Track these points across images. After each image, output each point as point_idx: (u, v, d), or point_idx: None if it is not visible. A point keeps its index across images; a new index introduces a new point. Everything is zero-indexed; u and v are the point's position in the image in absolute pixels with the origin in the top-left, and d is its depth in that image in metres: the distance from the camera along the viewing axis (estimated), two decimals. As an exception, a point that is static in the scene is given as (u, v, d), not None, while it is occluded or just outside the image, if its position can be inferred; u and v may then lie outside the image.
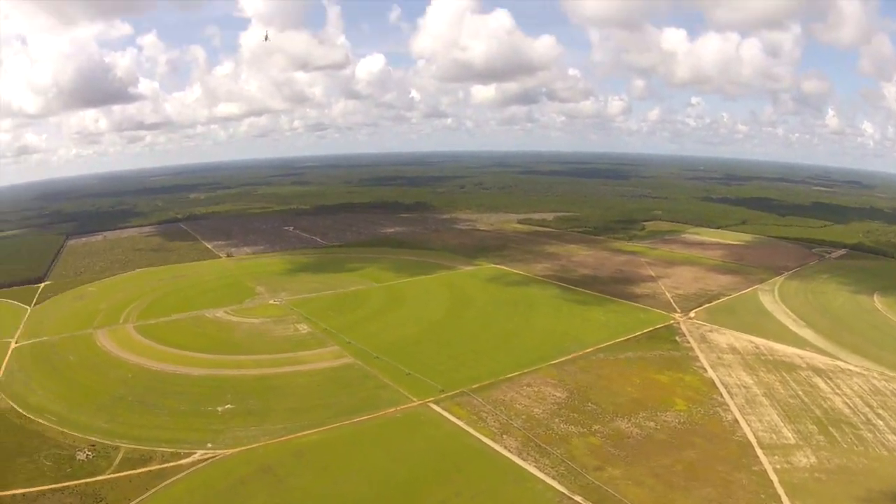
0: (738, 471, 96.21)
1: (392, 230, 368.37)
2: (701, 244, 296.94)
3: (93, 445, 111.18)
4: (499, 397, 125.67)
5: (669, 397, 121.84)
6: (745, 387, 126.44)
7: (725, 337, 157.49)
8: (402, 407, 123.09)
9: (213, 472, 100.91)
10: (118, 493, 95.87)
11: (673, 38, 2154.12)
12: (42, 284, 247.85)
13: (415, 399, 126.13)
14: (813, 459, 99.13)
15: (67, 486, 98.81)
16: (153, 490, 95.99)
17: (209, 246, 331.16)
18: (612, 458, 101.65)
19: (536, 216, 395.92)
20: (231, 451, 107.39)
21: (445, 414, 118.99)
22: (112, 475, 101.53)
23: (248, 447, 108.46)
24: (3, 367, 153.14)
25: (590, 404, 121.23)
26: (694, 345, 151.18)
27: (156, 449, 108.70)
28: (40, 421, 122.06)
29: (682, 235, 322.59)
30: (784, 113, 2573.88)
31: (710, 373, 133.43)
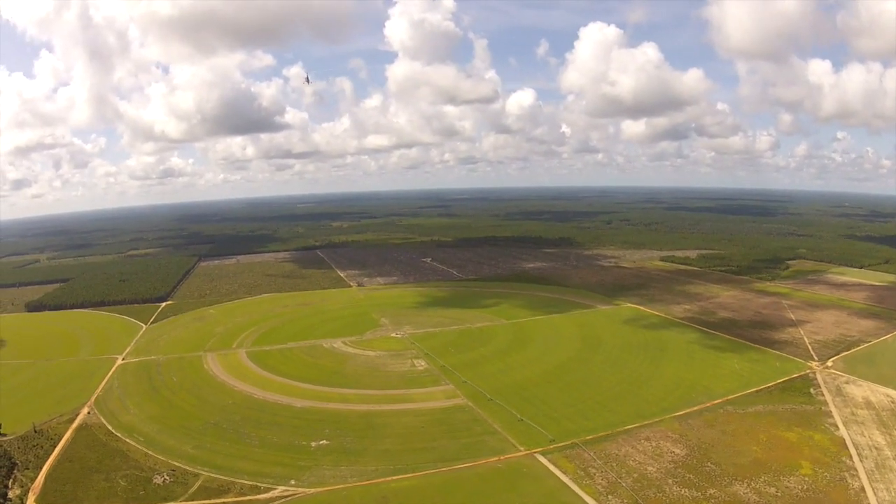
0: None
1: (532, 265, 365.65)
2: (844, 285, 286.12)
3: (173, 470, 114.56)
4: (612, 451, 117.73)
5: (795, 458, 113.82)
6: (876, 448, 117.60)
7: (862, 389, 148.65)
8: (507, 456, 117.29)
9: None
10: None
11: (818, 69, 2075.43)
12: (164, 304, 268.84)
13: (521, 448, 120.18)
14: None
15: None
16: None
17: (342, 275, 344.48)
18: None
19: (680, 254, 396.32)
20: (314, 490, 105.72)
21: (551, 467, 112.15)
22: (184, 503, 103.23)
23: (332, 488, 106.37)
24: (103, 384, 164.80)
25: (709, 464, 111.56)
26: (828, 398, 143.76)
27: (236, 480, 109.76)
28: (127, 440, 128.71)
29: (826, 275, 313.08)
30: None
31: (842, 431, 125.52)
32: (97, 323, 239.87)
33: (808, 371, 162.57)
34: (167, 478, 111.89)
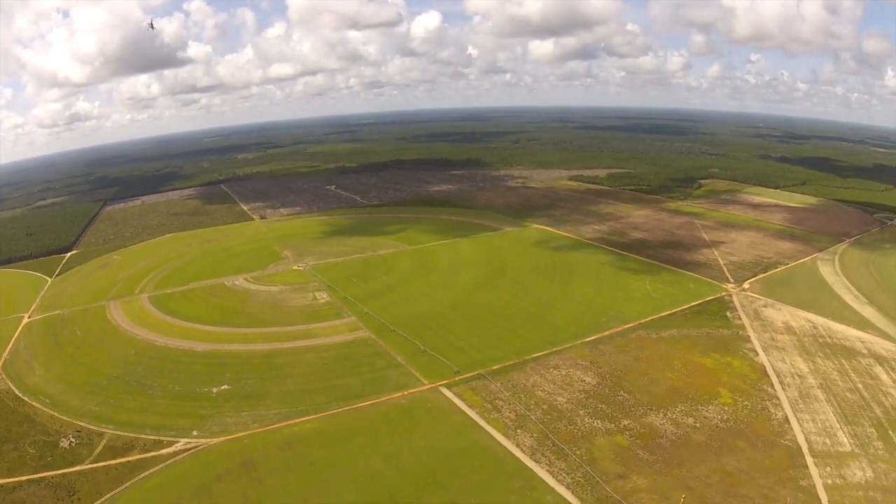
0: (783, 485, 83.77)
1: (438, 188, 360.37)
2: (759, 206, 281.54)
3: (78, 432, 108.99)
4: (520, 382, 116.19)
5: (714, 387, 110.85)
6: (799, 376, 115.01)
7: (781, 314, 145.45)
8: (411, 391, 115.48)
9: (192, 465, 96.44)
10: (92, 486, 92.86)
11: None
12: (68, 254, 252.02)
13: (426, 382, 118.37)
14: (869, 473, 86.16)
15: (45, 477, 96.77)
16: (127, 484, 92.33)
17: (245, 208, 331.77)
18: (639, 463, 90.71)
19: (589, 173, 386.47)
20: (216, 440, 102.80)
21: (456, 401, 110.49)
22: (90, 465, 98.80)
23: (235, 436, 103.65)
24: (10, 345, 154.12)
25: (622, 393, 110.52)
26: (746, 322, 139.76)
27: (140, 436, 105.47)
28: (34, 404, 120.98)
29: (740, 195, 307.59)
30: (844, 72, 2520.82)
31: (762, 357, 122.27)
32: (3, 281, 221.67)
33: (723, 293, 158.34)
34: (73, 440, 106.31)
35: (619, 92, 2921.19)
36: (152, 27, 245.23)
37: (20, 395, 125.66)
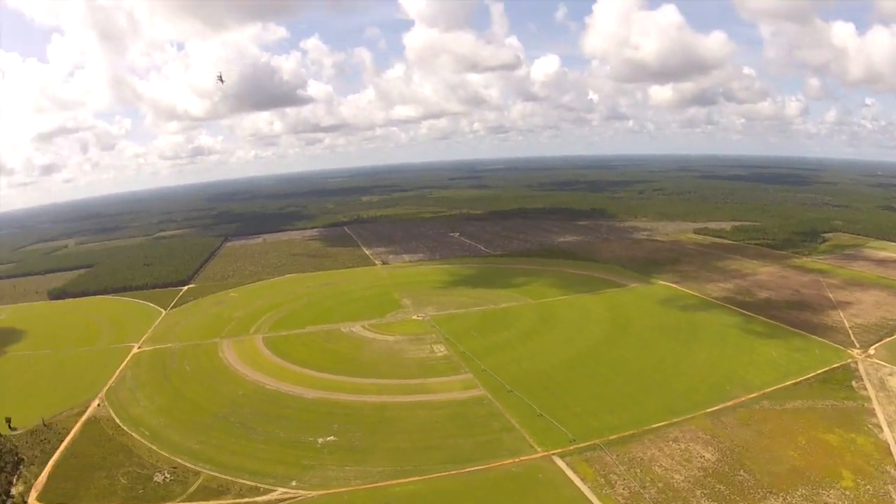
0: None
1: (563, 239, 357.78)
2: (884, 262, 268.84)
3: (175, 468, 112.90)
4: (637, 454, 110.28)
5: (836, 467, 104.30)
6: None
7: None
8: (523, 458, 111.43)
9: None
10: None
11: (841, 32, 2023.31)
12: (185, 287, 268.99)
13: (539, 449, 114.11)
14: None
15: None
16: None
17: (368, 252, 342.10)
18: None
19: (714, 225, 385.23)
20: (314, 493, 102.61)
21: (569, 472, 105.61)
22: (181, 503, 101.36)
23: (334, 491, 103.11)
24: (116, 373, 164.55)
25: (742, 472, 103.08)
26: (871, 392, 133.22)
27: (237, 480, 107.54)
28: (133, 434, 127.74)
29: (864, 250, 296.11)
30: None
31: (886, 433, 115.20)
32: (117, 310, 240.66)
33: (849, 360, 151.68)
34: (168, 476, 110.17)
35: (739, 139, 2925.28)
36: (221, 80, 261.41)
37: (120, 423, 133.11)
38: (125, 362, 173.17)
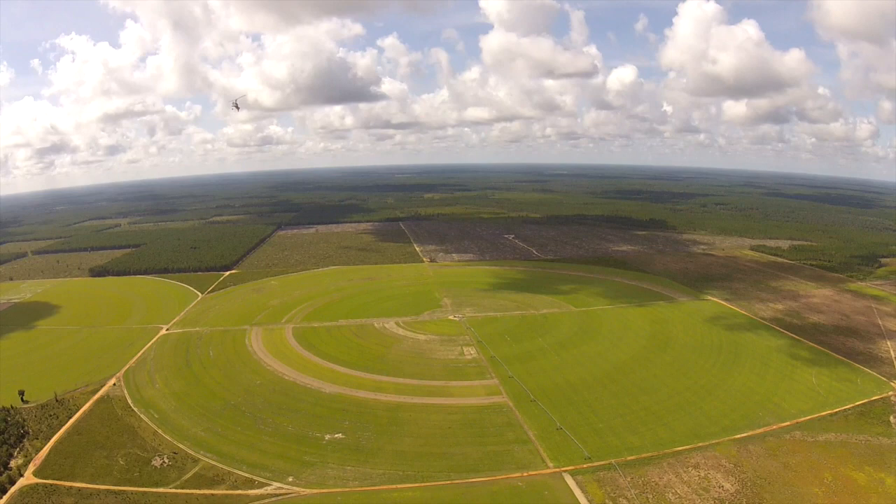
0: None
1: (618, 248, 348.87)
2: None
3: (175, 453, 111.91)
4: (653, 479, 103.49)
5: None
6: None
7: None
8: (531, 473, 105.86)
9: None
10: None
11: None
12: (227, 273, 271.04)
13: (551, 465, 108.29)
14: None
15: (125, 491, 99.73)
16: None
17: (418, 249, 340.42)
18: None
19: (772, 243, 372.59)
20: (308, 491, 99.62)
21: (577, 492, 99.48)
22: (173, 490, 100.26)
23: (329, 491, 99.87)
24: (139, 354, 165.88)
25: None
26: None
27: (234, 471, 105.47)
28: (141, 416, 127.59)
29: None
30: None
31: None
32: (154, 290, 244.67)
33: (890, 393, 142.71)
34: (166, 461, 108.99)
35: (809, 158, 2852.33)
36: (237, 108, 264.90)
37: (131, 404, 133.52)
38: (150, 343, 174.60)
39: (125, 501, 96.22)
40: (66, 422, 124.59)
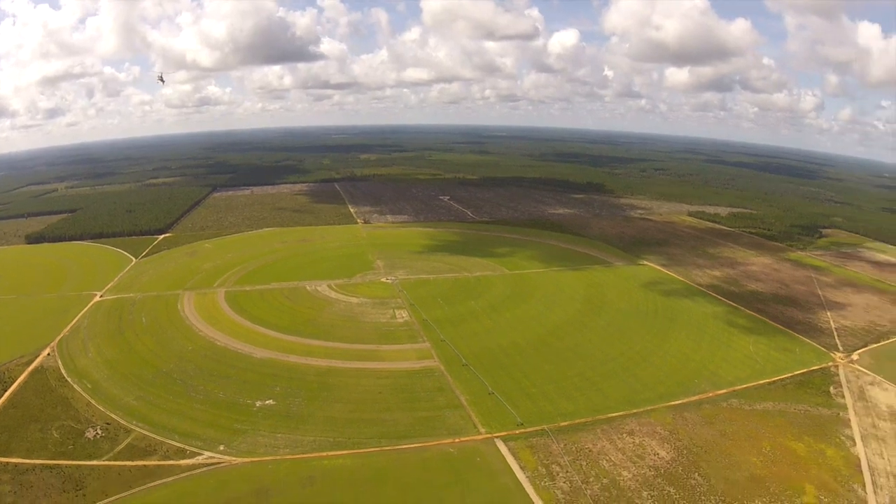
0: None
1: (554, 211, 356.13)
2: (881, 265, 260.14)
3: (108, 423, 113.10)
4: (586, 445, 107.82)
5: (800, 480, 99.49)
6: (895, 476, 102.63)
7: (888, 395, 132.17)
8: (463, 439, 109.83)
9: (204, 483, 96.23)
10: (100, 485, 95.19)
11: (867, 32, 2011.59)
12: (161, 237, 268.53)
13: (482, 430, 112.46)
14: None
15: (59, 465, 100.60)
16: (134, 490, 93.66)
17: (352, 210, 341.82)
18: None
19: (711, 209, 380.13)
20: (239, 460, 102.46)
21: (509, 459, 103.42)
22: (107, 462, 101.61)
23: (260, 459, 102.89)
24: (72, 323, 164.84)
25: (696, 476, 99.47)
26: (848, 401, 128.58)
27: (166, 441, 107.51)
28: (75, 387, 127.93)
29: (862, 250, 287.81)
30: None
31: (859, 447, 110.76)
32: (89, 256, 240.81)
33: (830, 364, 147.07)
34: (99, 432, 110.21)
35: (750, 127, 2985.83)
36: (162, 81, 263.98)
37: (65, 375, 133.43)
38: (84, 311, 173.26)
39: (60, 476, 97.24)
40: (2, 395, 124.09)
